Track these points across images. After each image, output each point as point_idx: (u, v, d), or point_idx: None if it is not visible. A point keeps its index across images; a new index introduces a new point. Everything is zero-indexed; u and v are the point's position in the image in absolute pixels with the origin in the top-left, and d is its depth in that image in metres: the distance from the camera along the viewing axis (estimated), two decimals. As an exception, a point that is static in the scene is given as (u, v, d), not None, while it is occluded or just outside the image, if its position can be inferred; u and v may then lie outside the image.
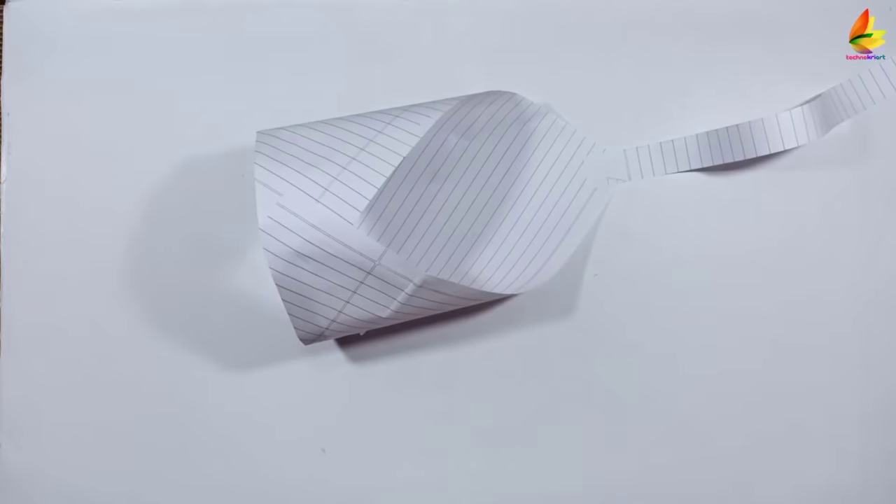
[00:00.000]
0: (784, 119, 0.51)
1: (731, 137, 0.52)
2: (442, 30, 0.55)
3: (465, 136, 0.47)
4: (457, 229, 0.50)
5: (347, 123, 0.46)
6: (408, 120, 0.46)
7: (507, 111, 0.50)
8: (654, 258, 0.53)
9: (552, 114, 0.52)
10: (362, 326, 0.46)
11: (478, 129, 0.47)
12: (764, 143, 0.51)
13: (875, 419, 0.53)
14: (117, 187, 0.54)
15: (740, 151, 0.52)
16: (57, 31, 0.56)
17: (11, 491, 0.53)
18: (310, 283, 0.42)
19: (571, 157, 0.52)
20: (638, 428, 0.52)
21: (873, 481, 0.53)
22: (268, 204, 0.41)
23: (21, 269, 0.54)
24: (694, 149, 0.54)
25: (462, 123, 0.47)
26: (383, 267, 0.42)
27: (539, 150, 0.51)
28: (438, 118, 0.46)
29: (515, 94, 0.52)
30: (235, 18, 0.56)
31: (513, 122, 0.50)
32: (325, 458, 0.52)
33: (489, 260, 0.50)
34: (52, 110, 0.55)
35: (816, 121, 0.51)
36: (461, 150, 0.47)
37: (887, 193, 0.54)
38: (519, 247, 0.51)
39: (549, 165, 0.51)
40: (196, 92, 0.55)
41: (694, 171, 0.54)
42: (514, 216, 0.51)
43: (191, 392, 0.52)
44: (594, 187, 0.53)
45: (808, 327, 0.53)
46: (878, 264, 0.54)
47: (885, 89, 0.52)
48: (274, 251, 0.41)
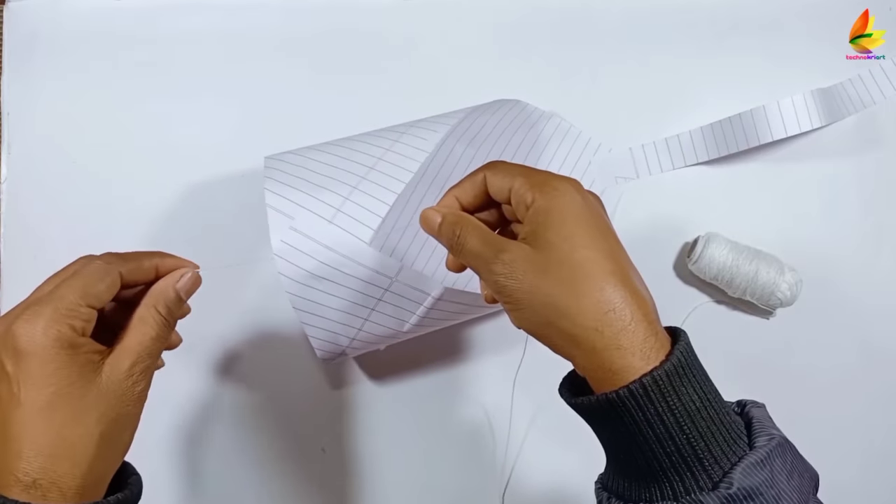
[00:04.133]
0: (786, 105, 0.51)
1: (734, 127, 0.52)
2: (442, 30, 0.55)
3: (471, 144, 0.47)
4: None
5: (355, 143, 0.46)
6: (415, 136, 0.46)
7: (513, 117, 0.50)
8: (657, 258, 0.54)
9: (556, 117, 0.52)
10: (382, 342, 0.46)
11: (484, 137, 0.48)
12: (766, 131, 0.51)
13: (875, 419, 0.53)
14: (117, 187, 0.54)
15: (744, 140, 0.52)
16: (57, 31, 0.56)
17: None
18: (328, 304, 0.42)
19: (578, 158, 0.52)
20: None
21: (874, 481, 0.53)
22: (280, 228, 0.41)
23: (21, 269, 0.54)
24: (699, 141, 0.54)
25: (468, 132, 0.48)
26: (401, 283, 0.42)
27: (546, 153, 0.51)
28: (445, 132, 0.46)
29: (520, 100, 0.52)
30: (235, 18, 0.56)
31: (519, 126, 0.50)
32: (325, 458, 0.52)
33: None
34: (52, 110, 0.55)
35: (819, 108, 0.51)
36: (469, 159, 0.47)
37: (888, 187, 0.55)
38: None
39: (558, 168, 0.51)
40: (196, 91, 0.55)
41: (701, 165, 0.54)
42: None
43: (190, 392, 0.52)
44: (603, 188, 0.53)
45: (809, 325, 0.53)
46: (879, 263, 0.54)
47: (886, 89, 0.53)
48: (289, 275, 0.41)
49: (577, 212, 0.31)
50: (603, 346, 0.29)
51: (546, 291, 0.30)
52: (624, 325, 0.29)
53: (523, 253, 0.31)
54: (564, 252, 0.30)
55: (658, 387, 0.28)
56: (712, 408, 0.29)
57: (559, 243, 0.31)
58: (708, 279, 0.51)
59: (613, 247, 0.32)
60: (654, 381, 0.28)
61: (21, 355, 0.30)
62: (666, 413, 0.28)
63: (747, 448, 0.29)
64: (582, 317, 0.29)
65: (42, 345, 0.30)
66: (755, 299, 0.51)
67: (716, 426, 0.29)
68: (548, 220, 0.31)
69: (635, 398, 0.28)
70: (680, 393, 0.29)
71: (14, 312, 0.31)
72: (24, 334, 0.30)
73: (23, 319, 0.30)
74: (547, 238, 0.31)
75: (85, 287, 0.32)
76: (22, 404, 0.29)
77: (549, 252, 0.31)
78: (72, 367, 0.30)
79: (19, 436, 0.29)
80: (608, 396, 0.29)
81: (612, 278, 0.30)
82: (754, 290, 0.50)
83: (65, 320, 0.31)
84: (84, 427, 0.30)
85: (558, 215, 0.31)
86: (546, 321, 0.31)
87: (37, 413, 0.29)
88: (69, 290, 0.31)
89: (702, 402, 0.29)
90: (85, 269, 0.33)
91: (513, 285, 0.31)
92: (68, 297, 0.31)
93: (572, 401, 0.32)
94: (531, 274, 0.30)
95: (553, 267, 0.30)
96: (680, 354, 0.29)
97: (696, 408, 0.29)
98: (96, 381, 0.31)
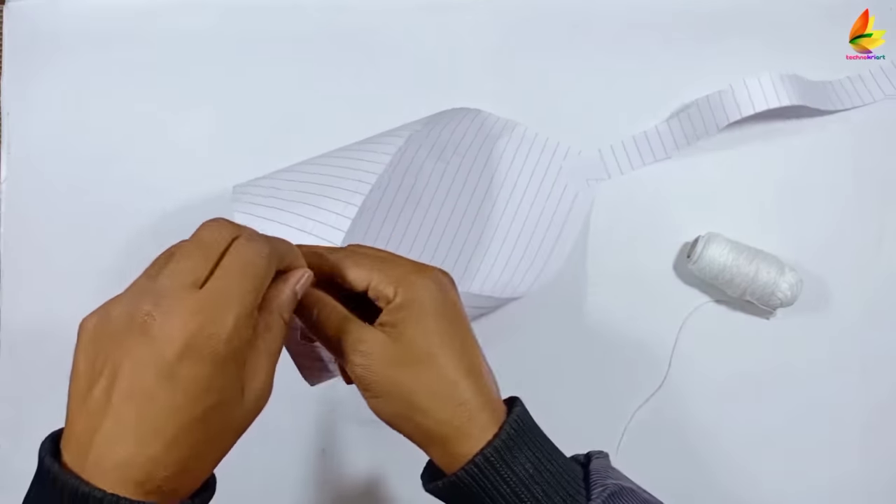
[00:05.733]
0: (752, 83, 0.51)
1: (703, 111, 0.52)
2: (442, 30, 0.55)
3: (440, 158, 0.48)
4: (450, 247, 0.50)
5: (319, 159, 0.46)
6: (377, 144, 0.46)
7: (472, 132, 0.51)
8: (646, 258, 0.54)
9: (520, 126, 0.52)
10: None
11: (450, 153, 0.49)
12: (735, 109, 0.50)
13: (875, 419, 0.53)
14: (117, 187, 0.54)
15: (713, 123, 0.51)
16: (57, 30, 0.56)
17: (11, 491, 0.53)
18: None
19: (548, 165, 0.53)
20: (643, 426, 0.52)
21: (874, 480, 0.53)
22: None
23: (21, 269, 0.54)
24: (667, 134, 0.53)
25: (435, 147, 0.48)
26: None
27: (515, 166, 0.52)
28: (405, 140, 0.47)
29: (480, 110, 0.52)
30: (235, 18, 0.56)
31: (482, 142, 0.51)
32: (325, 458, 0.52)
33: (486, 274, 0.50)
34: (52, 110, 0.55)
35: (789, 89, 0.50)
36: (440, 174, 0.48)
37: (888, 187, 0.55)
38: (513, 258, 0.51)
39: (528, 178, 0.52)
40: (196, 91, 0.55)
41: (701, 165, 0.54)
42: (502, 231, 0.51)
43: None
44: (576, 191, 0.53)
45: (809, 325, 0.53)
46: (879, 263, 0.54)
47: (874, 91, 0.53)
48: None
49: (436, 308, 0.32)
50: (454, 436, 0.31)
51: (402, 386, 0.32)
52: (472, 414, 0.31)
53: (381, 345, 0.32)
54: (422, 349, 0.32)
55: (490, 463, 0.30)
56: (548, 471, 0.31)
57: (417, 339, 0.32)
58: (708, 279, 0.51)
59: (465, 339, 0.33)
60: (485, 458, 0.30)
61: (195, 361, 0.26)
62: (501, 485, 0.30)
63: (586, 502, 0.31)
64: (436, 412, 0.31)
65: (223, 355, 0.26)
66: (755, 299, 0.51)
67: (552, 488, 0.31)
68: (408, 316, 0.32)
69: (472, 476, 0.30)
70: (512, 464, 0.31)
71: (181, 306, 0.26)
72: (209, 340, 0.26)
73: (208, 322, 0.26)
74: (405, 332, 0.32)
75: (258, 291, 0.28)
76: (172, 413, 0.26)
77: (406, 347, 0.32)
78: (235, 378, 0.28)
79: (166, 440, 0.26)
80: (451, 480, 0.31)
81: (464, 374, 0.32)
82: (754, 290, 0.50)
83: (245, 329, 0.27)
84: (225, 441, 0.29)
85: (417, 311, 0.32)
86: (401, 413, 0.32)
87: (187, 425, 0.26)
88: (246, 294, 0.27)
89: (535, 469, 0.31)
90: (253, 268, 0.28)
91: (370, 377, 0.32)
92: (247, 303, 0.27)
93: (427, 487, 0.33)
94: (389, 367, 0.32)
95: (410, 362, 0.32)
96: (509, 428, 0.31)
97: (529, 475, 0.31)
98: (242, 396, 0.28)
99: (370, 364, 0.32)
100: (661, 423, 0.52)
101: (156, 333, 0.26)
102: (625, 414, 0.52)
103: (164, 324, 0.26)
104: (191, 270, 0.27)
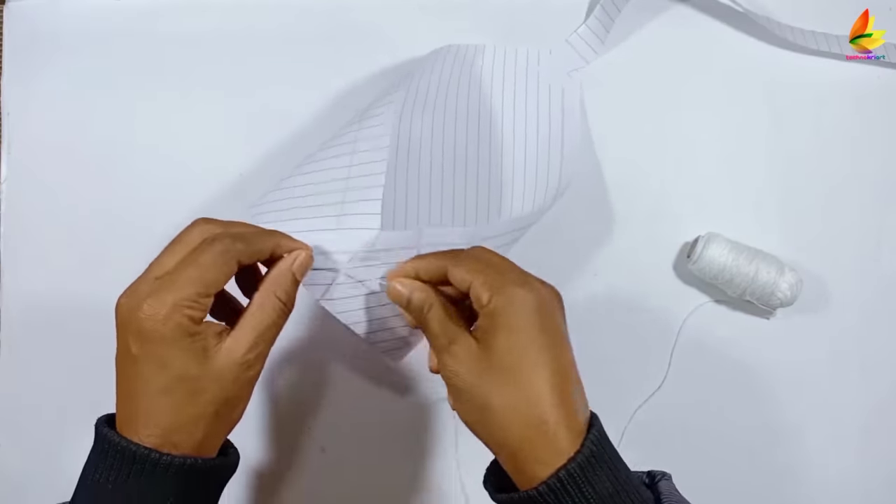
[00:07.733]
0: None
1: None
2: (442, 29, 0.55)
3: (424, 110, 0.48)
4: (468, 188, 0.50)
5: (320, 154, 0.46)
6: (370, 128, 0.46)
7: (451, 67, 0.51)
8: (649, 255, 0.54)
9: (490, 46, 0.53)
10: None
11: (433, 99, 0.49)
12: None
13: (875, 419, 0.53)
14: (117, 187, 0.54)
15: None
16: (57, 30, 0.56)
17: (11, 491, 0.53)
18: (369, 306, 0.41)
19: (526, 74, 0.53)
20: (642, 426, 0.52)
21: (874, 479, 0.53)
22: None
23: (21, 268, 0.54)
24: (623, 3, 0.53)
25: (416, 101, 0.48)
26: (426, 243, 0.41)
27: (495, 88, 0.52)
28: (394, 111, 0.47)
29: (451, 44, 0.53)
30: (235, 18, 0.56)
31: (460, 75, 0.51)
32: (325, 458, 0.52)
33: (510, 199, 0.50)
34: (52, 110, 0.55)
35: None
36: (430, 128, 0.48)
37: (888, 187, 0.55)
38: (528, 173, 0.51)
39: (512, 94, 0.52)
40: (196, 91, 0.55)
41: (700, 165, 0.54)
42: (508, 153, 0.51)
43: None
44: (562, 87, 0.53)
45: (809, 325, 0.54)
46: (879, 263, 0.54)
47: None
48: (322, 295, 0.40)
49: (529, 321, 0.32)
50: (530, 451, 0.31)
51: (484, 393, 0.32)
52: (550, 435, 0.31)
53: (471, 350, 0.33)
54: (508, 361, 0.32)
55: (573, 479, 0.30)
56: (625, 491, 0.31)
57: (505, 351, 0.32)
58: (708, 279, 0.51)
59: (557, 356, 0.33)
60: (569, 474, 0.30)
61: (144, 340, 0.32)
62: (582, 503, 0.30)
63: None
64: (514, 427, 0.31)
65: (162, 333, 0.31)
66: (755, 299, 0.51)
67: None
68: (498, 324, 0.32)
69: (554, 493, 0.30)
70: (594, 482, 0.30)
71: (139, 293, 0.32)
72: (148, 321, 0.31)
73: (147, 305, 0.32)
74: (495, 342, 0.32)
75: (204, 278, 0.33)
76: (145, 383, 0.32)
77: (494, 356, 0.32)
78: (189, 353, 0.32)
79: (144, 411, 0.32)
80: (529, 494, 0.31)
81: (548, 391, 0.32)
82: (754, 290, 0.50)
83: (184, 311, 0.32)
84: (198, 407, 0.33)
85: (509, 321, 0.32)
86: (480, 421, 0.33)
87: (156, 394, 0.32)
88: (189, 283, 0.32)
89: (615, 488, 0.31)
90: (204, 258, 0.33)
91: (455, 381, 0.33)
92: (187, 290, 0.32)
93: (496, 497, 0.33)
94: (474, 373, 0.32)
95: (495, 372, 0.32)
96: (591, 444, 0.31)
97: (609, 494, 0.30)
98: (211, 366, 0.33)
99: (458, 368, 0.33)
100: (661, 423, 0.52)
101: (121, 315, 0.33)
102: (625, 414, 0.52)
103: (124, 307, 0.33)
104: (161, 264, 0.33)
